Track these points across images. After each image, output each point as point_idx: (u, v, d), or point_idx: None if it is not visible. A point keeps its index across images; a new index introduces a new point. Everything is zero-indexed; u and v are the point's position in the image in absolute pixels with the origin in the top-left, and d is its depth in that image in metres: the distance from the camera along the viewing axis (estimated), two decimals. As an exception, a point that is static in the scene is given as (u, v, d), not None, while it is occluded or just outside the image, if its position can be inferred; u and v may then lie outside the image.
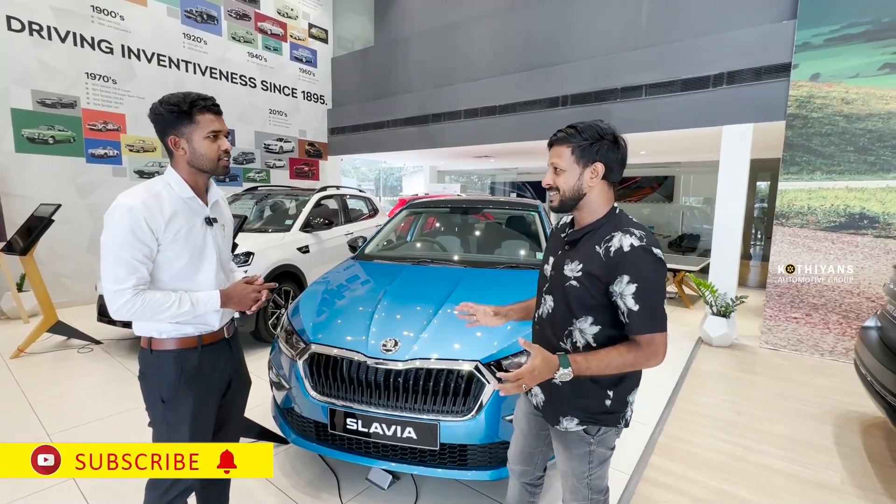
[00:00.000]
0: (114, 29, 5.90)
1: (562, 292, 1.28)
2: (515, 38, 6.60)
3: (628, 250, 1.15)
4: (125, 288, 1.27)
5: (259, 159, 7.93)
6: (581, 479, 1.34)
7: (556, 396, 1.33)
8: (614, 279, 1.17)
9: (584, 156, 1.22)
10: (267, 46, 7.87)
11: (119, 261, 1.27)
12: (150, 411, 1.43)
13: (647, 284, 1.14)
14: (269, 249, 4.19)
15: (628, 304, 1.16)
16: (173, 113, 1.32)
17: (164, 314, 1.32)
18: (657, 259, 1.17)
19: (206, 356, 1.44)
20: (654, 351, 1.16)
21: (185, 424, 1.40)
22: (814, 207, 4.23)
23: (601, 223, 1.25)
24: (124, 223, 1.27)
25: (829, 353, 4.20)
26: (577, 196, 1.25)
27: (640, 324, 1.15)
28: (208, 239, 1.45)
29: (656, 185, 11.03)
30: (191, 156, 1.36)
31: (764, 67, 4.45)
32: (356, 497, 2.12)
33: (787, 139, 4.31)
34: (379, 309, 2.26)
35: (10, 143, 5.12)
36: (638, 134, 5.47)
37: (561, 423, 1.32)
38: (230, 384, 1.59)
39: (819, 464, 2.51)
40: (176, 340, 1.40)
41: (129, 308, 1.28)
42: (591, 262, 1.21)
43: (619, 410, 1.29)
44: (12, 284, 4.77)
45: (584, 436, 1.30)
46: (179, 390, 1.39)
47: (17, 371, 3.52)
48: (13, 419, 2.78)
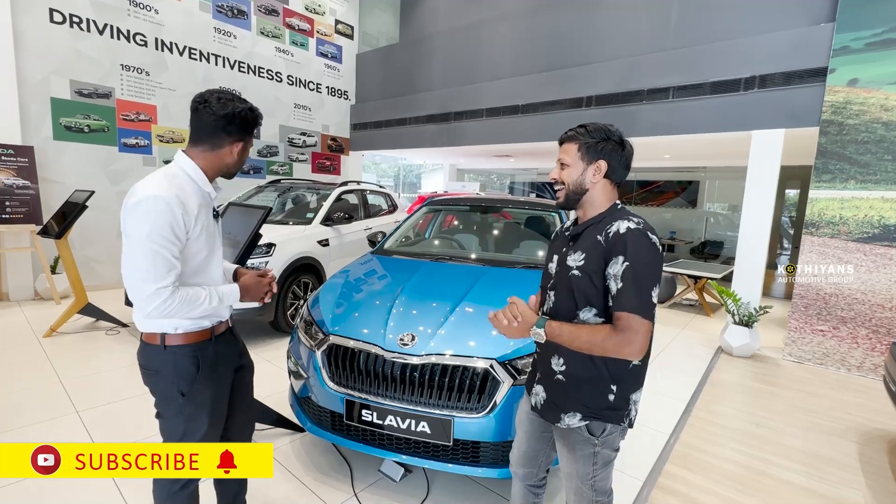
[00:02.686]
0: (148, 22, 6.07)
1: (565, 284, 1.29)
2: (540, 38, 6.55)
3: (624, 232, 1.18)
4: (165, 286, 1.23)
5: (282, 153, 8.07)
6: (585, 481, 1.33)
7: (558, 393, 1.32)
8: (610, 261, 1.19)
9: (589, 153, 1.27)
10: (294, 42, 7.99)
11: (159, 258, 1.22)
12: (163, 406, 1.41)
13: (638, 264, 1.14)
14: (289, 241, 4.27)
15: (616, 283, 1.16)
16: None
17: (197, 310, 1.31)
18: (652, 244, 1.18)
19: (219, 346, 1.46)
20: (630, 337, 1.11)
21: (204, 413, 1.41)
22: (846, 217, 4.09)
23: (602, 216, 1.29)
24: (164, 218, 1.22)
25: (857, 368, 4.06)
26: (580, 191, 1.30)
27: (621, 301, 1.14)
28: (217, 232, 1.47)
29: (679, 189, 10.79)
30: (233, 160, 1.40)
31: (798, 72, 4.31)
32: (368, 488, 2.16)
33: (820, 146, 4.17)
34: (397, 304, 2.28)
35: (48, 130, 5.33)
36: (663, 137, 5.37)
37: (563, 421, 1.31)
38: (237, 369, 1.62)
39: (841, 481, 2.44)
40: (193, 335, 1.38)
41: (168, 306, 1.24)
42: (592, 250, 1.24)
43: (623, 408, 1.28)
44: (46, 267, 4.98)
45: (588, 437, 1.29)
46: (199, 383, 1.38)
47: (49, 349, 3.67)
48: (45, 395, 2.91)
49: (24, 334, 4.01)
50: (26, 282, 5.22)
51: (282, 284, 4.10)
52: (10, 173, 4.89)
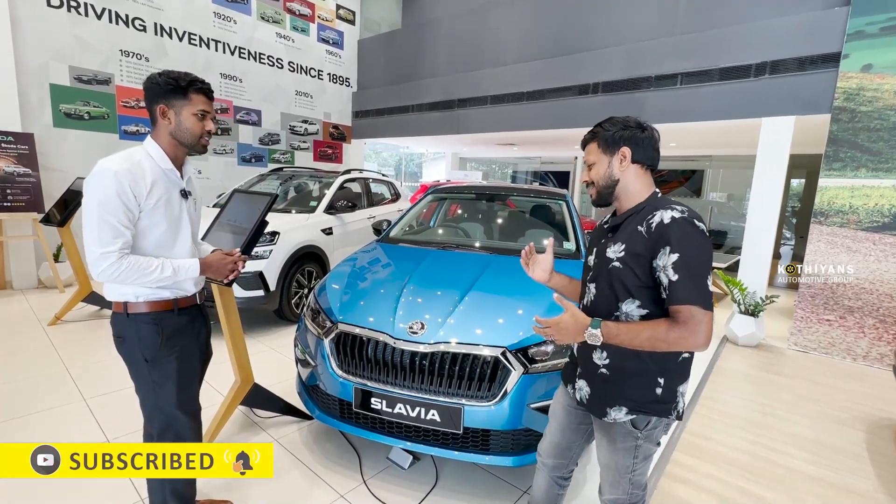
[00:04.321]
0: (147, 6, 5.96)
1: (605, 276, 1.26)
2: (546, 23, 6.43)
3: (668, 222, 1.14)
4: (111, 251, 1.33)
5: (284, 141, 7.99)
6: (623, 474, 1.32)
7: (604, 387, 1.29)
8: (657, 252, 1.14)
9: (609, 144, 1.27)
10: (295, 27, 7.87)
11: (105, 224, 1.32)
12: (133, 374, 1.51)
13: (690, 253, 1.10)
14: (293, 230, 4.24)
15: (669, 276, 1.11)
16: (170, 85, 1.42)
17: (147, 278, 1.39)
18: (700, 231, 1.14)
19: (182, 319, 1.54)
20: (694, 329, 1.07)
21: (172, 382, 1.50)
22: (856, 206, 4.04)
23: (643, 206, 1.25)
24: (111, 188, 1.32)
25: (863, 357, 4.05)
26: (611, 184, 1.27)
27: (678, 294, 1.10)
28: (184, 210, 1.53)
29: (683, 179, 10.71)
30: (175, 127, 1.45)
31: (811, 57, 4.23)
32: (377, 475, 2.16)
33: (831, 133, 4.11)
34: (405, 292, 2.26)
35: (48, 117, 5.27)
36: (671, 125, 5.30)
37: (609, 415, 1.28)
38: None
39: (848, 469, 2.44)
40: (152, 304, 1.47)
41: (115, 270, 1.33)
42: (633, 241, 1.20)
43: (670, 401, 1.25)
44: (49, 255, 4.96)
45: (631, 430, 1.27)
46: (161, 350, 1.47)
47: (53, 337, 3.67)
48: (52, 382, 2.92)
49: (29, 322, 4.00)
50: (30, 270, 5.21)
51: (286, 273, 4.08)
52: (11, 161, 4.84)
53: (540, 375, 1.91)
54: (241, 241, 2.00)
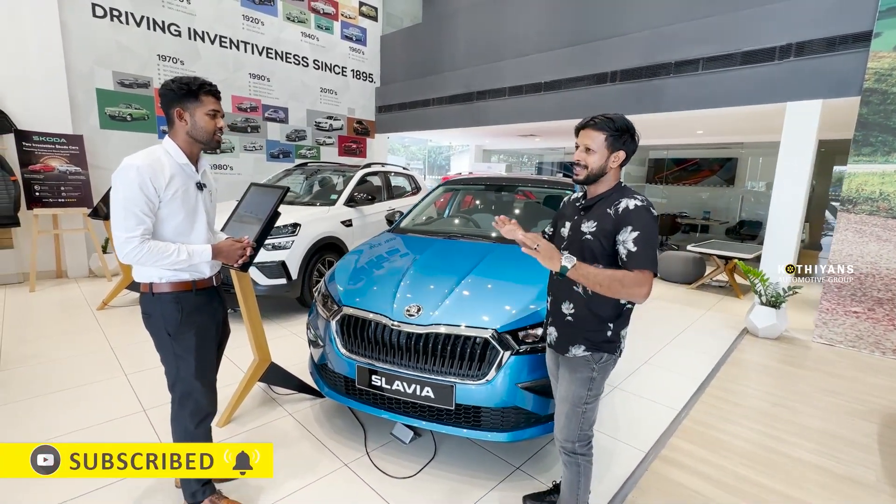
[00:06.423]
0: (181, 12, 6.33)
1: (578, 246, 1.57)
2: (563, 12, 6.36)
3: (632, 208, 1.48)
4: (134, 236, 1.51)
5: (310, 136, 8.29)
6: (577, 405, 1.60)
7: (567, 331, 1.62)
8: (620, 230, 1.47)
9: (613, 144, 1.53)
10: (319, 26, 8.10)
11: (129, 213, 1.50)
12: (159, 348, 1.71)
13: (645, 232, 1.44)
14: (314, 221, 4.46)
15: (629, 247, 1.44)
16: (183, 90, 1.59)
17: (165, 260, 1.57)
18: (654, 216, 1.50)
19: (200, 299, 1.73)
20: (641, 282, 1.40)
21: (191, 355, 1.69)
22: (887, 193, 3.86)
23: (610, 192, 1.58)
24: (134, 181, 1.50)
25: (893, 351, 3.88)
26: (601, 173, 1.56)
27: (636, 260, 1.42)
28: (199, 201, 1.71)
29: (717, 167, 10.30)
30: (191, 127, 1.62)
31: (839, 37, 4.03)
32: (379, 448, 2.32)
33: (860, 117, 3.92)
34: (406, 277, 2.40)
35: (95, 119, 5.72)
36: (693, 112, 5.17)
37: (570, 351, 1.60)
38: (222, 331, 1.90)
39: (854, 460, 2.40)
40: (174, 284, 1.66)
41: (137, 253, 1.51)
42: (604, 220, 1.52)
43: (616, 341, 1.59)
44: (98, 247, 5.41)
45: (588, 361, 1.58)
46: (182, 326, 1.66)
47: (101, 320, 4.05)
48: (98, 358, 3.25)
49: (80, 307, 4.43)
50: (81, 260, 5.70)
51: (307, 262, 4.31)
52: (64, 160, 5.30)
53: (528, 356, 2.01)
54: (255, 230, 2.19)
